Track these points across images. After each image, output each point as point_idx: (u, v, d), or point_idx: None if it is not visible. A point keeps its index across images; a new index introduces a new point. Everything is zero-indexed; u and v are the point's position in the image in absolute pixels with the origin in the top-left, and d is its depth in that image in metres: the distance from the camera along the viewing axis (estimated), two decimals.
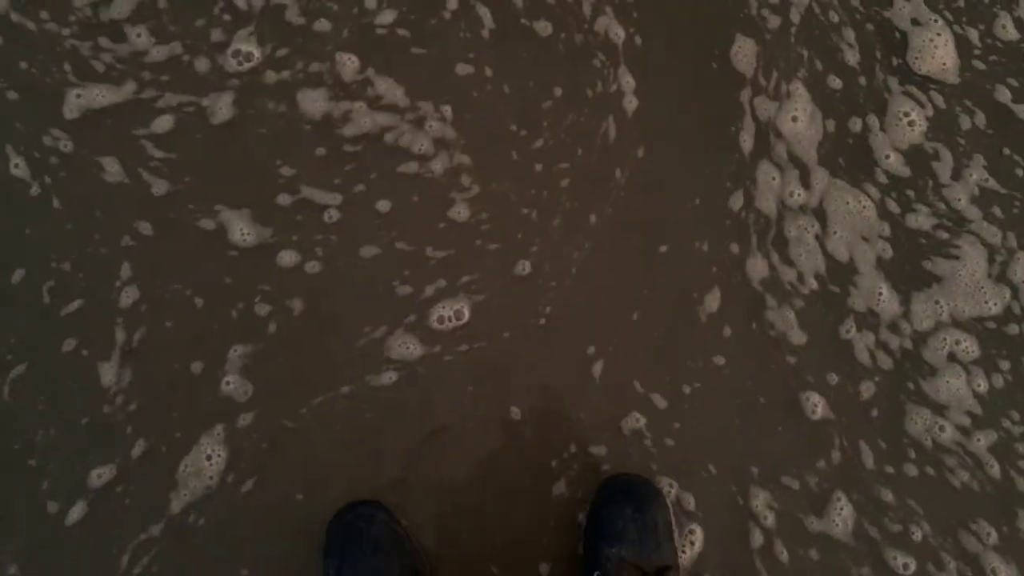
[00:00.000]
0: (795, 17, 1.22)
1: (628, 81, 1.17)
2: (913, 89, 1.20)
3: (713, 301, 1.11)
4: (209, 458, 1.01)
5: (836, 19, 1.22)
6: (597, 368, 1.09)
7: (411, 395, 1.06)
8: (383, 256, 1.09)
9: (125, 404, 1.02)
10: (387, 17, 1.17)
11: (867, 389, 1.10)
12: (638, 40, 1.19)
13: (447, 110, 1.14)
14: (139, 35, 1.12)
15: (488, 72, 1.16)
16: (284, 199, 1.09)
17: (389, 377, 1.05)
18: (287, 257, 1.07)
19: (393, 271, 1.09)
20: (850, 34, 1.22)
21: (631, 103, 1.17)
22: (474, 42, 1.17)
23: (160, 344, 1.04)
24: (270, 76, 1.13)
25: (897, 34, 1.22)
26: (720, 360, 1.10)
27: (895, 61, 1.21)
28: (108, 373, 1.02)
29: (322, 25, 1.15)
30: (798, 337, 1.11)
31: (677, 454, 1.06)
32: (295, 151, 1.11)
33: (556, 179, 1.14)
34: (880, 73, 1.20)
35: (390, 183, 1.11)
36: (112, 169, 1.08)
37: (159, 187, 1.08)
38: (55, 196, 1.07)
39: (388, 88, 1.14)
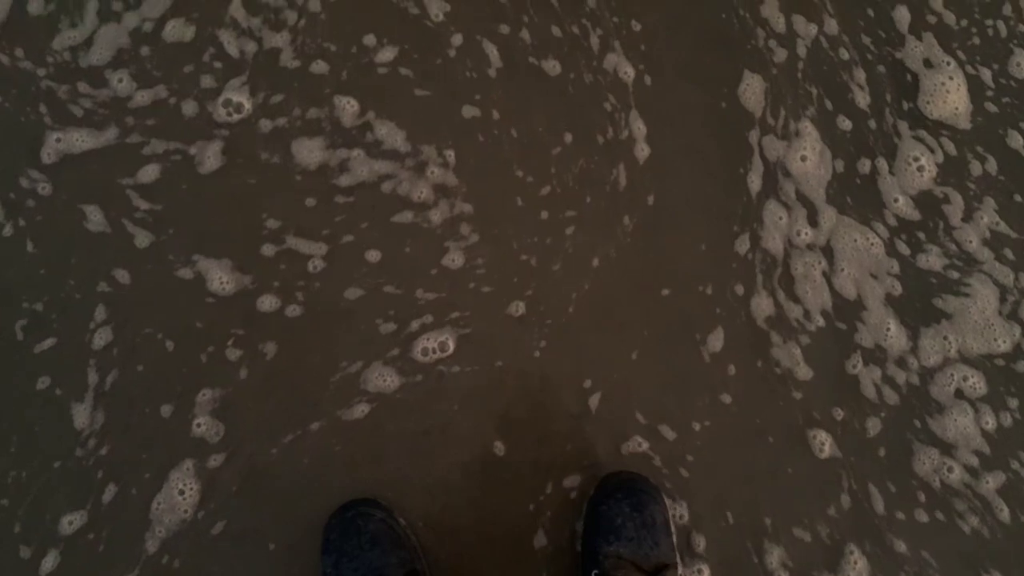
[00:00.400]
0: (801, 51, 1.22)
1: (640, 127, 1.17)
2: (924, 134, 1.20)
3: (716, 341, 1.11)
4: (182, 492, 1.01)
5: (846, 56, 1.22)
6: (595, 400, 1.08)
7: (394, 413, 1.06)
8: (367, 298, 1.08)
9: (96, 448, 1.02)
10: (387, 55, 1.16)
11: (874, 426, 1.08)
12: (648, 80, 1.19)
13: (450, 155, 1.14)
14: (120, 80, 1.12)
15: (495, 114, 1.16)
16: (268, 249, 1.09)
17: (362, 410, 1.05)
18: (267, 302, 1.07)
19: (377, 311, 1.08)
20: (860, 75, 1.22)
21: (643, 150, 1.17)
22: (480, 82, 1.17)
23: (132, 388, 1.03)
24: (264, 125, 1.12)
25: (909, 76, 1.22)
26: (727, 398, 1.09)
27: (906, 105, 1.21)
28: (82, 415, 1.03)
29: (319, 67, 1.15)
30: (804, 372, 1.10)
31: (690, 490, 1.06)
32: (284, 202, 1.10)
33: (561, 227, 1.14)
34: (890, 117, 1.20)
35: (382, 233, 1.11)
36: (95, 218, 1.08)
37: (142, 239, 1.08)
38: (29, 239, 1.07)
39: (388, 132, 1.14)
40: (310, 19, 1.17)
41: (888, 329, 1.12)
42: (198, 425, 1.03)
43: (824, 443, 1.07)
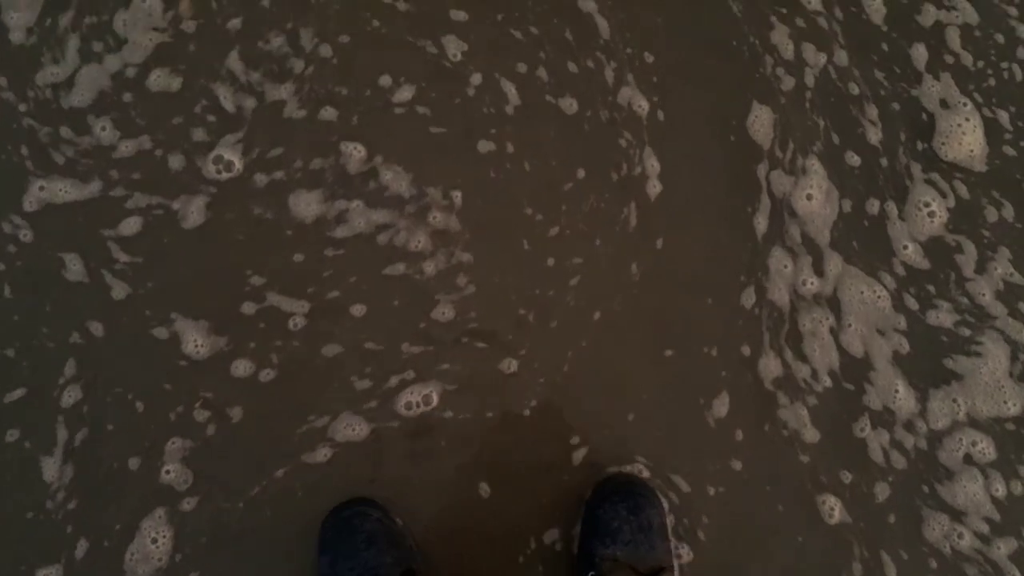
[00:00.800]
0: (810, 80, 1.19)
1: (653, 164, 1.14)
2: (936, 177, 1.16)
3: (722, 406, 1.07)
4: (155, 541, 0.99)
5: (856, 91, 1.18)
6: (579, 455, 1.05)
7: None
8: (345, 354, 1.06)
9: (66, 501, 0.99)
10: (405, 94, 1.14)
11: (882, 491, 1.06)
12: (661, 115, 1.16)
13: (456, 196, 1.11)
14: (104, 128, 1.10)
15: (510, 148, 1.13)
16: (248, 308, 1.06)
17: (324, 454, 1.03)
18: (241, 367, 1.04)
19: (355, 367, 1.06)
20: (872, 110, 1.18)
21: (655, 187, 1.14)
22: (497, 119, 1.15)
23: (101, 445, 1.01)
24: (259, 179, 1.10)
25: (924, 116, 1.18)
26: (737, 465, 1.06)
27: (920, 145, 1.17)
28: (51, 469, 1.00)
29: (327, 113, 1.13)
30: (811, 435, 1.07)
31: (696, 561, 1.03)
32: (270, 258, 1.08)
33: (567, 276, 1.10)
34: (903, 157, 1.17)
35: (371, 286, 1.08)
36: (74, 267, 1.06)
37: (119, 291, 1.06)
38: (6, 283, 1.05)
39: (394, 177, 1.11)
40: (319, 65, 1.15)
41: (896, 391, 1.08)
42: (167, 472, 1.01)
43: (833, 508, 1.05)
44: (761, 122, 1.16)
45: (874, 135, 1.17)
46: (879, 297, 1.11)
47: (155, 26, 1.14)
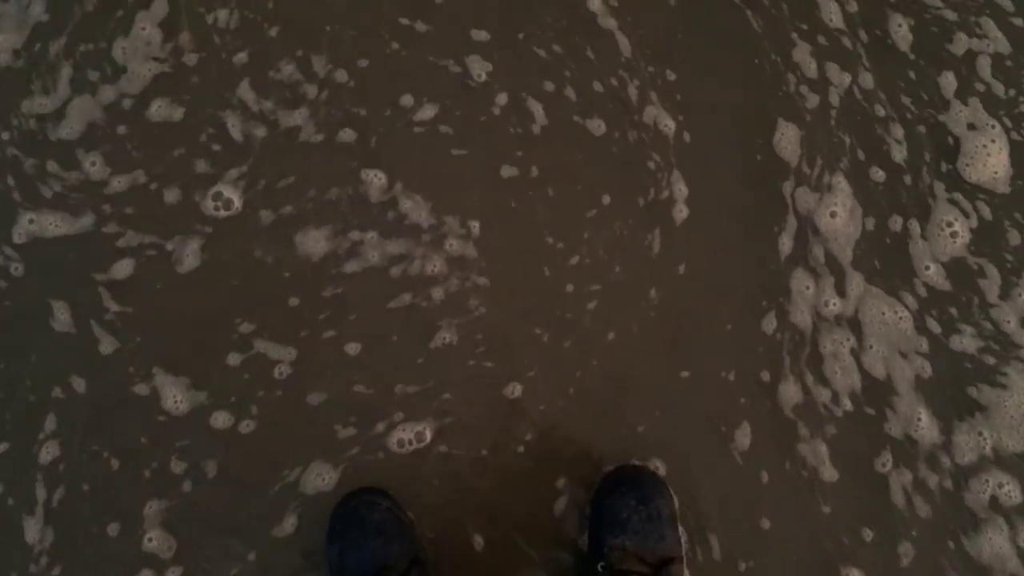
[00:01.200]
0: (834, 99, 1.17)
1: (681, 188, 1.13)
2: (959, 197, 1.14)
3: (744, 437, 1.07)
4: None
5: (882, 113, 1.17)
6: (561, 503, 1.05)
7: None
8: (331, 401, 1.05)
9: (49, 568, 0.99)
10: (428, 112, 1.13)
11: (906, 552, 1.04)
12: (687, 136, 1.15)
13: (475, 225, 1.10)
14: (93, 164, 1.08)
15: (534, 172, 1.12)
16: (234, 358, 1.05)
17: (291, 523, 1.02)
18: (220, 419, 1.03)
19: (340, 415, 1.04)
20: (898, 131, 1.17)
21: (681, 212, 1.13)
22: (523, 140, 1.13)
23: (79, 506, 1.00)
24: (264, 216, 1.08)
25: (950, 139, 1.16)
26: (766, 524, 1.05)
27: (945, 166, 1.16)
28: (32, 529, 0.99)
29: (346, 135, 1.11)
30: (830, 473, 1.06)
31: None
32: (264, 303, 1.06)
33: (584, 301, 1.10)
34: (927, 176, 1.15)
35: (372, 322, 1.06)
36: (62, 317, 1.05)
37: (106, 345, 1.04)
38: None
39: (413, 206, 1.10)
40: (335, 89, 1.13)
41: (919, 419, 1.08)
42: (149, 540, 1.00)
43: None
44: (788, 139, 1.15)
45: (899, 154, 1.16)
46: (901, 318, 1.10)
47: (154, 56, 1.11)
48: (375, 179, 1.10)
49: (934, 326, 1.11)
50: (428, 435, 1.04)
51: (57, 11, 1.12)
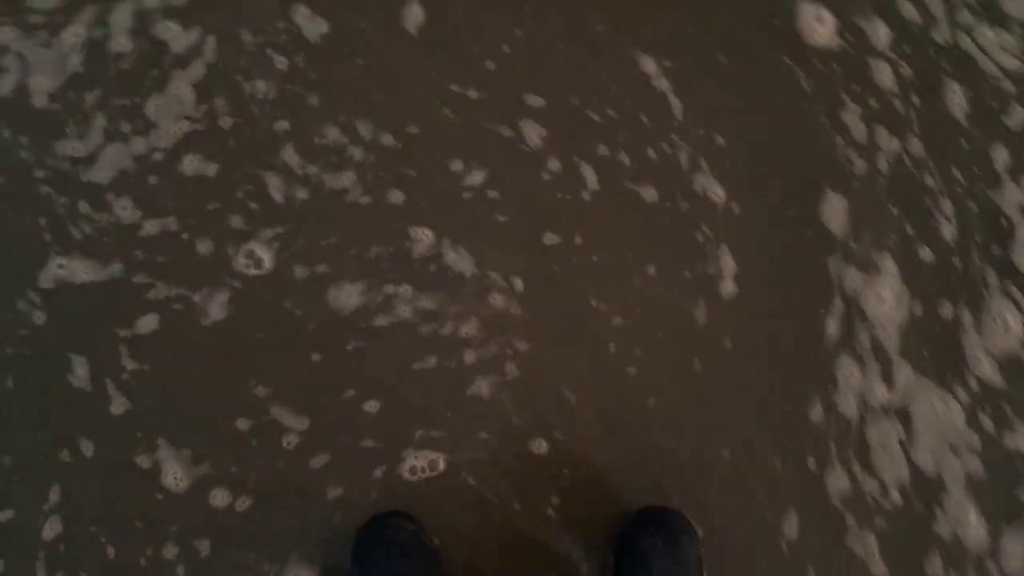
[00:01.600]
0: (883, 165, 1.14)
1: (728, 262, 1.11)
2: (1012, 288, 1.12)
3: (792, 526, 1.04)
4: None
5: (931, 184, 1.14)
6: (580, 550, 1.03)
7: None
8: (331, 463, 1.03)
9: None
10: (476, 178, 1.11)
11: None
12: (736, 207, 1.12)
13: (518, 283, 1.08)
14: (124, 208, 1.07)
15: (578, 240, 1.10)
16: (243, 424, 1.03)
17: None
18: (219, 496, 1.02)
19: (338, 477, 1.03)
20: (947, 206, 1.14)
21: (728, 288, 1.10)
22: (572, 207, 1.11)
23: None
24: (298, 272, 1.07)
25: (1004, 221, 1.13)
26: None
27: (996, 251, 1.13)
28: None
29: (395, 196, 1.09)
30: (880, 569, 1.03)
31: None
32: (284, 360, 1.05)
33: (623, 365, 1.07)
34: (978, 260, 1.12)
35: (397, 380, 1.05)
36: (80, 372, 1.04)
37: (118, 405, 1.03)
38: (11, 376, 1.04)
39: (453, 261, 1.09)
40: (381, 153, 1.12)
41: (968, 520, 1.05)
42: None
43: None
44: (835, 211, 1.12)
45: (948, 231, 1.13)
46: (951, 411, 1.08)
47: (187, 115, 1.11)
48: (423, 236, 1.09)
49: (987, 423, 1.08)
50: (441, 464, 1.03)
51: (93, 64, 1.12)
